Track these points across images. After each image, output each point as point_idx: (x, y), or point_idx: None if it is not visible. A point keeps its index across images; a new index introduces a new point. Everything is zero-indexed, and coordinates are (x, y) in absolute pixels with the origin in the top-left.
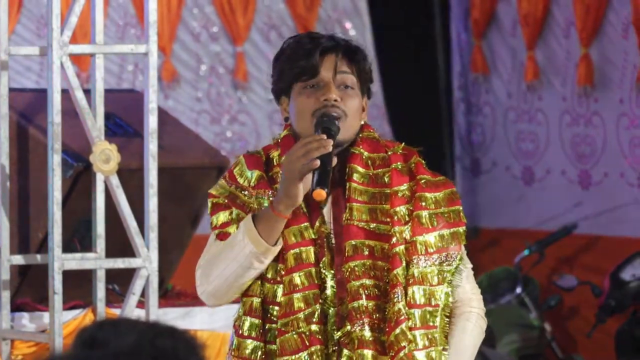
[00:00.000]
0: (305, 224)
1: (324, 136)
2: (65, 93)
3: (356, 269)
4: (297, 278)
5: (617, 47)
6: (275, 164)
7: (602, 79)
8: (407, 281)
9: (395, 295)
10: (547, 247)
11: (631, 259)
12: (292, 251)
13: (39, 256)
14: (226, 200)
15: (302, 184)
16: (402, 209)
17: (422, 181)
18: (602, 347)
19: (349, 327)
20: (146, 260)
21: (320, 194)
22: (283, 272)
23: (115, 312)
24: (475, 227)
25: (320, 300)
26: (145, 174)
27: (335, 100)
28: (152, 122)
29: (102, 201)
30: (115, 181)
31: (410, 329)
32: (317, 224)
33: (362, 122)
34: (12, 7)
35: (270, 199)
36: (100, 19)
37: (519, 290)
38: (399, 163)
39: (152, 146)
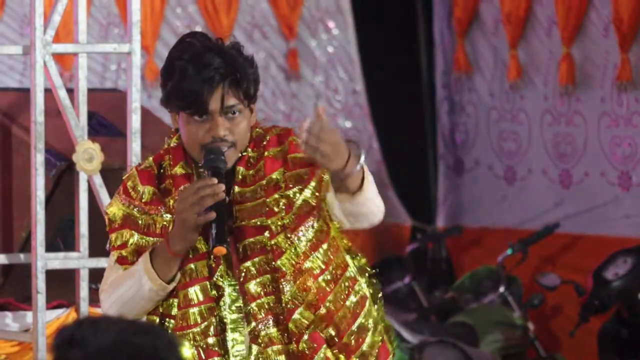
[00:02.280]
0: (199, 237)
1: (215, 180)
2: (49, 92)
3: (251, 268)
4: (193, 293)
5: (599, 46)
6: (167, 174)
7: (584, 78)
8: (297, 262)
9: (282, 286)
10: (530, 246)
11: (613, 258)
12: (186, 267)
13: (22, 255)
14: (121, 220)
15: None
16: (274, 197)
17: (292, 160)
18: (585, 346)
19: (253, 324)
20: None
21: (221, 250)
22: (178, 287)
23: (99, 311)
24: (458, 226)
25: (215, 313)
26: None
27: (224, 136)
28: (135, 121)
29: (85, 200)
30: (98, 180)
31: (309, 308)
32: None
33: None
34: None
35: (163, 215)
36: (83, 18)
37: (502, 289)
38: (271, 149)
39: (135, 145)
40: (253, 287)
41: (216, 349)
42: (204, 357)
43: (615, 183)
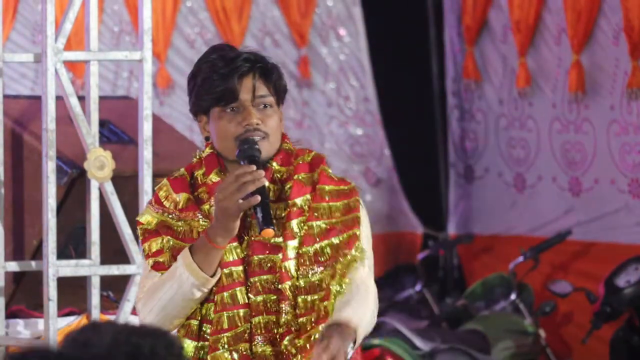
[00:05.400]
0: (235, 243)
1: (254, 167)
2: (60, 100)
3: (257, 284)
4: (227, 297)
5: (608, 54)
6: (200, 183)
7: (593, 85)
8: (298, 291)
9: (283, 309)
10: (542, 253)
11: (625, 265)
12: (224, 270)
13: (33, 263)
14: (155, 227)
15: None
16: (294, 223)
17: (320, 192)
18: (597, 354)
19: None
20: (140, 266)
21: (269, 232)
22: (216, 290)
23: (110, 318)
24: (470, 233)
25: (250, 319)
26: (140, 180)
27: (257, 124)
28: (146, 129)
29: (96, 208)
30: (109, 188)
31: (300, 336)
32: (245, 242)
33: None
34: (6, 14)
35: (200, 220)
36: (95, 26)
37: (513, 296)
38: (302, 174)
39: (146, 153)
40: (256, 303)
41: (247, 353)
42: None
43: (626, 190)
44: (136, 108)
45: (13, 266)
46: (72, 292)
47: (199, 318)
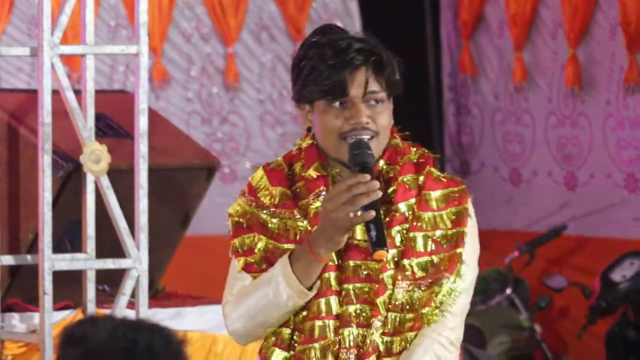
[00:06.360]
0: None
1: (368, 177)
2: (56, 94)
3: (351, 291)
4: (323, 304)
5: (605, 48)
6: (299, 176)
7: (589, 80)
8: (392, 308)
9: (373, 324)
10: (537, 248)
11: (621, 260)
12: (323, 275)
13: (29, 256)
14: (246, 222)
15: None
16: (395, 230)
17: (425, 197)
18: (592, 349)
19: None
20: (136, 260)
21: (382, 254)
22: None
23: (106, 312)
24: None
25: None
26: (136, 174)
27: (367, 123)
28: (142, 122)
29: (92, 202)
30: (105, 182)
31: (388, 355)
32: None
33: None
34: (2, 8)
35: (297, 220)
36: (91, 20)
37: (509, 291)
38: (407, 175)
39: (142, 147)
40: (347, 313)
41: None
42: None
43: (622, 185)
44: (132, 102)
45: (9, 260)
46: (68, 286)
47: (292, 326)
